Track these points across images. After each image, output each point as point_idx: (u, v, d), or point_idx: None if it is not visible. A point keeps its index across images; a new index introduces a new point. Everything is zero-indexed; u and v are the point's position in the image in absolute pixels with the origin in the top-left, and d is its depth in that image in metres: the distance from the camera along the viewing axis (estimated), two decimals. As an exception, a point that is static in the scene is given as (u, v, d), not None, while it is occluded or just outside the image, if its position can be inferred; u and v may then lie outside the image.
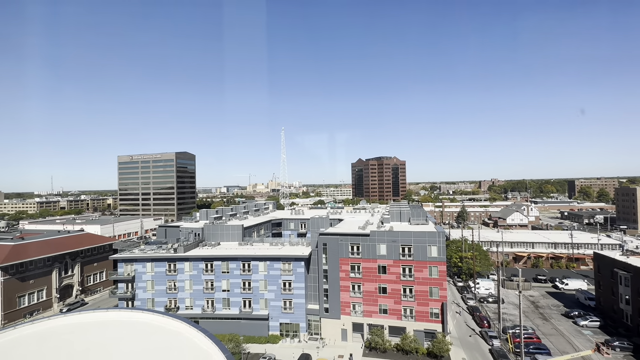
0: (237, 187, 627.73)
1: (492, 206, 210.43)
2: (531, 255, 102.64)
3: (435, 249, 53.29)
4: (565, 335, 57.58)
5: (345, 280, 56.96)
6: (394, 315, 54.73)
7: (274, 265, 57.88)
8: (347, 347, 53.97)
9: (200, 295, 58.92)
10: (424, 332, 53.09)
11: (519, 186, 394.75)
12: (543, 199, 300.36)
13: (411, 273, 54.08)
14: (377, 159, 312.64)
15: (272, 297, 57.78)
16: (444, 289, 53.25)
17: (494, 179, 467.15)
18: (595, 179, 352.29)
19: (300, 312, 57.25)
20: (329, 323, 57.20)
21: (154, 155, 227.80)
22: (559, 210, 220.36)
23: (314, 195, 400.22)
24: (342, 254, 57.20)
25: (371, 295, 55.81)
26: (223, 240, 68.62)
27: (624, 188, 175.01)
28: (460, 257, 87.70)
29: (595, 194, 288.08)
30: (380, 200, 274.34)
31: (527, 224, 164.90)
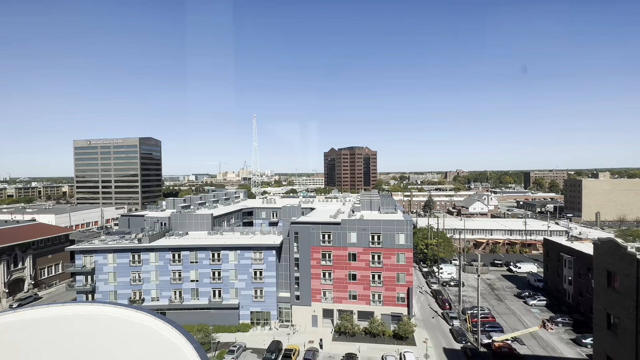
0: (206, 176, 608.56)
1: (457, 196, 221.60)
2: (490, 241, 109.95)
3: (403, 236, 55.36)
4: (517, 313, 62.82)
5: (316, 268, 57.78)
6: (363, 301, 56.61)
7: (244, 254, 57.30)
8: (317, 333, 55.21)
9: (167, 286, 57.17)
10: (391, 315, 55.53)
11: (481, 177, 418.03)
12: (502, 189, 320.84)
13: (380, 260, 55.95)
14: (349, 149, 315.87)
15: (243, 286, 57.41)
16: (410, 275, 55.74)
17: (458, 170, 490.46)
18: (548, 171, 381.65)
19: (271, 301, 57.49)
20: (300, 310, 58.05)
21: (116, 140, 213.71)
22: (515, 199, 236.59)
23: (286, 184, 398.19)
24: (314, 243, 57.79)
25: (341, 282, 57.17)
26: (191, 229, 66.62)
27: (571, 180, 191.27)
28: (426, 244, 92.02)
29: (547, 185, 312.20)
30: (352, 190, 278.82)
31: (487, 213, 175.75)
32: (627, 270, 26.07)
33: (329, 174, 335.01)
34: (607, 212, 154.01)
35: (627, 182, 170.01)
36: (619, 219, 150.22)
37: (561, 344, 51.58)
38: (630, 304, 25.55)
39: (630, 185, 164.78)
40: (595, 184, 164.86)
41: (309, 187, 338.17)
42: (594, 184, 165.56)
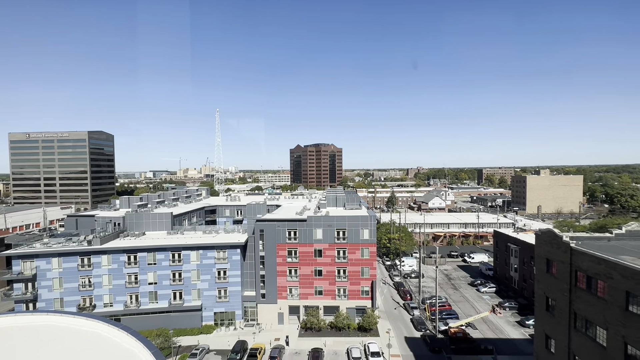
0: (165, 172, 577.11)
1: (417, 192, 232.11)
2: (447, 234, 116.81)
3: (367, 231, 56.91)
4: (470, 301, 67.56)
5: (282, 265, 57.51)
6: (329, 296, 57.45)
7: (207, 254, 55.40)
8: (283, 330, 55.11)
9: (121, 291, 53.59)
10: (356, 308, 57.00)
11: (440, 174, 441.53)
12: (458, 185, 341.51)
13: (345, 255, 57.05)
14: (315, 146, 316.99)
15: (206, 286, 55.54)
16: (374, 269, 57.53)
17: (419, 167, 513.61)
18: (498, 168, 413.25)
19: (236, 300, 56.27)
20: (266, 308, 57.51)
21: (60, 133, 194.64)
22: (470, 195, 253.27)
23: (251, 181, 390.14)
24: (280, 240, 57.41)
25: (307, 278, 57.50)
26: (149, 229, 62.97)
27: (517, 176, 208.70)
28: (389, 239, 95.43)
29: (497, 181, 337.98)
30: (318, 186, 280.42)
31: (445, 208, 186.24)
32: (562, 257, 29.13)
33: (295, 171, 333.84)
34: (547, 205, 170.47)
35: (563, 178, 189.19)
36: (556, 211, 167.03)
37: (508, 326, 56.44)
38: (565, 287, 28.62)
39: (566, 181, 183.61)
40: (537, 180, 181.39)
41: (274, 184, 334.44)
42: (536, 180, 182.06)
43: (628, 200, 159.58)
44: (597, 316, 25.15)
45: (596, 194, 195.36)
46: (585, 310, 26.44)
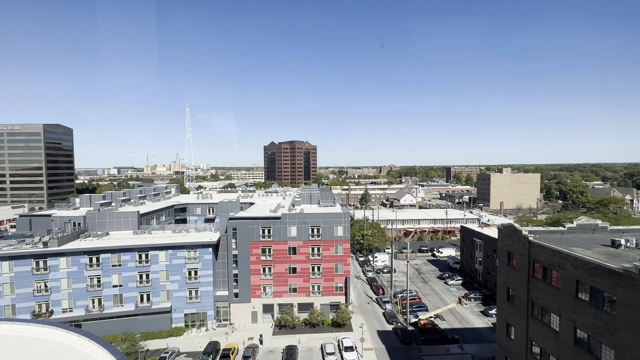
0: (131, 169, 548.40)
1: (390, 189, 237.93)
2: (417, 230, 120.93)
3: (341, 228, 57.55)
4: (439, 293, 70.51)
5: (256, 263, 56.78)
6: (303, 293, 57.56)
7: (177, 253, 53.45)
8: (257, 329, 54.54)
9: (82, 295, 50.42)
10: (330, 304, 57.59)
11: (411, 172, 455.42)
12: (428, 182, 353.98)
13: (319, 252, 57.37)
14: (289, 143, 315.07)
15: (176, 287, 53.62)
16: (347, 265, 58.36)
17: (391, 165, 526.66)
18: (465, 167, 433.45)
19: (207, 301, 54.84)
20: (239, 308, 56.59)
21: (11, 126, 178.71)
22: (439, 192, 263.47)
23: (223, 179, 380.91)
24: (253, 238, 56.62)
25: (282, 276, 57.23)
26: (113, 229, 59.69)
27: (482, 174, 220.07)
28: (362, 235, 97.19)
29: (464, 179, 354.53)
30: (293, 184, 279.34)
31: (415, 204, 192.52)
32: (521, 250, 31.16)
33: (269, 168, 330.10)
34: (508, 202, 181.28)
35: (523, 176, 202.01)
36: (517, 207, 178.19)
37: (473, 316, 59.58)
38: (524, 278, 30.67)
39: (525, 179, 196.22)
40: (500, 178, 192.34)
41: (248, 182, 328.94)
42: (499, 178, 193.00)
43: (579, 196, 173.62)
44: (552, 304, 27.17)
45: (552, 191, 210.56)
46: (541, 298, 28.47)
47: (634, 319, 20.11)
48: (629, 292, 20.32)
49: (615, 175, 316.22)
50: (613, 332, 21.56)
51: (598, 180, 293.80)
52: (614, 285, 21.41)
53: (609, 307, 22.03)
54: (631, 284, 20.16)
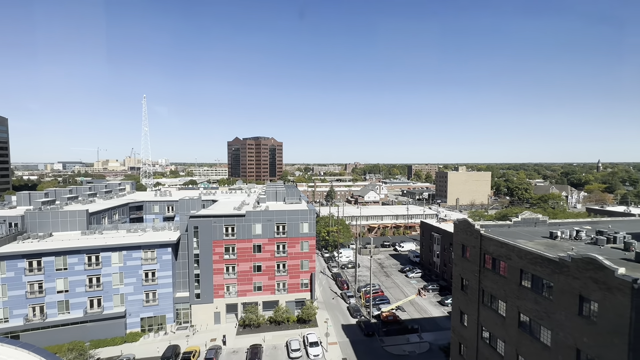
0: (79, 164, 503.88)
1: (354, 186, 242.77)
2: (380, 225, 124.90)
3: (306, 225, 57.71)
4: (400, 286, 73.58)
5: (218, 262, 55.12)
6: (268, 291, 57.00)
7: (132, 254, 50.20)
8: (220, 330, 53.09)
9: (21, 302, 45.56)
10: (295, 301, 57.65)
11: (375, 169, 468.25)
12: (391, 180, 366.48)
13: (285, 249, 57.09)
14: (254, 139, 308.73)
15: (131, 290, 50.39)
16: (313, 261, 58.74)
17: (356, 163, 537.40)
18: (425, 165, 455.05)
19: (166, 303, 52.26)
20: (201, 309, 54.65)
21: None
22: (400, 189, 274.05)
23: (184, 175, 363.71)
24: (216, 236, 54.86)
25: (246, 275, 56.15)
26: (58, 230, 54.57)
27: (440, 172, 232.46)
28: (328, 232, 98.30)
29: (424, 176, 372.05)
30: (258, 181, 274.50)
31: (379, 201, 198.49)
32: (474, 243, 33.47)
33: (233, 165, 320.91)
34: (463, 198, 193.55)
35: (476, 174, 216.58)
36: (471, 203, 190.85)
37: (431, 306, 63.03)
38: (476, 269, 33.00)
39: (478, 177, 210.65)
40: (456, 176, 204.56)
41: (211, 178, 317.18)
42: (455, 175, 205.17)
43: (523, 193, 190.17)
44: (499, 291, 29.56)
45: (501, 188, 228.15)
46: (490, 287, 30.85)
47: (566, 303, 22.54)
48: (564, 278, 22.70)
49: (554, 174, 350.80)
50: (550, 315, 23.99)
51: (540, 178, 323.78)
52: (551, 272, 23.80)
53: (547, 293, 24.45)
54: (565, 271, 22.53)
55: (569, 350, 22.38)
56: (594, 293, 20.58)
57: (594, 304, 20.70)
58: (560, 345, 23.14)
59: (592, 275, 20.63)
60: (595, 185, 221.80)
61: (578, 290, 21.64)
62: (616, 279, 19.18)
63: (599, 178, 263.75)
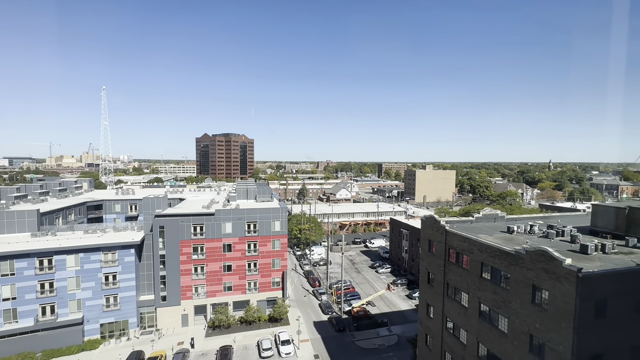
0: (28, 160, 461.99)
1: (326, 184, 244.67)
2: (352, 223, 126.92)
3: (278, 223, 57.26)
4: (370, 281, 75.34)
5: (186, 263, 53.20)
6: (239, 290, 55.96)
7: (90, 257, 47.07)
8: (188, 332, 51.38)
9: (-41, 313, 41.14)
10: (267, 300, 57.11)
11: (346, 167, 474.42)
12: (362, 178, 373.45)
13: (256, 248, 56.30)
14: (224, 135, 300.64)
15: (89, 295, 47.27)
16: (284, 259, 58.47)
17: (328, 161, 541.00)
18: (394, 163, 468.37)
19: (129, 307, 49.61)
20: (167, 311, 52.49)
21: None
22: (371, 186, 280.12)
23: (148, 172, 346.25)
24: (184, 236, 52.87)
25: (215, 275, 54.71)
26: (4, 232, 49.87)
27: (409, 171, 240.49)
28: (300, 229, 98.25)
29: (394, 175, 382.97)
30: (228, 178, 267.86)
31: (350, 198, 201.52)
32: (440, 238, 35.05)
33: (202, 162, 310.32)
34: (430, 195, 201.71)
35: (442, 172, 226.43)
36: (437, 200, 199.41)
37: (399, 300, 65.21)
38: (441, 263, 34.58)
39: (444, 175, 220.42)
40: (424, 174, 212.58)
41: (177, 176, 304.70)
42: (423, 174, 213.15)
43: (484, 190, 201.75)
44: (462, 284, 31.23)
45: (464, 186, 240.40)
46: (454, 280, 32.49)
47: (521, 292, 24.31)
48: (519, 269, 24.45)
49: (511, 172, 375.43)
50: (507, 304, 25.74)
51: (499, 177, 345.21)
52: (508, 264, 25.52)
53: (505, 283, 26.20)
54: (520, 263, 24.27)
55: (523, 335, 24.17)
56: (545, 282, 22.36)
57: (545, 292, 22.48)
58: (515, 332, 24.92)
59: (544, 266, 22.39)
60: (546, 183, 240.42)
61: (531, 280, 23.40)
62: (564, 269, 20.97)
63: (550, 177, 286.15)
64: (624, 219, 31.06)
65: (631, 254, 25.77)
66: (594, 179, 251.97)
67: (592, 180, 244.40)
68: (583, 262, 23.05)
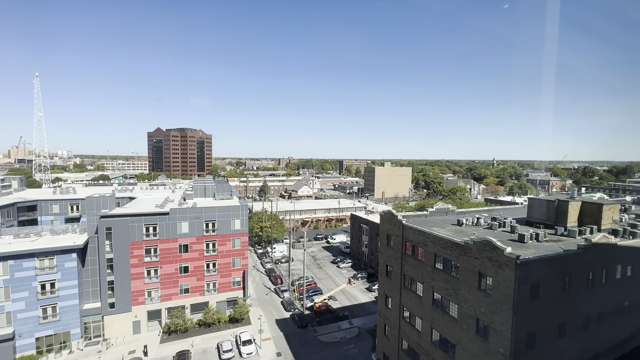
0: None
1: (288, 181, 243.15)
2: (314, 219, 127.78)
3: (239, 221, 55.79)
4: (332, 276, 76.63)
5: (138, 266, 49.76)
6: (197, 292, 53.69)
7: (22, 264, 42.06)
8: (140, 340, 48.24)
9: None
10: (227, 301, 55.51)
11: (308, 164, 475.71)
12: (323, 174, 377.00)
13: (215, 248, 54.35)
14: (180, 130, 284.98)
15: (21, 307, 42.27)
16: (245, 258, 57.20)
17: (290, 157, 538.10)
18: (355, 160, 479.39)
19: (71, 317, 45.24)
20: (117, 319, 48.75)
21: None
22: (332, 183, 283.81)
23: (92, 169, 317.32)
24: (134, 238, 49.33)
25: (171, 277, 51.90)
26: None
27: (369, 167, 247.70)
28: (261, 227, 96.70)
29: (354, 171, 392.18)
30: (184, 176, 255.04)
31: (312, 195, 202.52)
32: (397, 232, 36.65)
33: (154, 158, 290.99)
34: (388, 191, 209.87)
35: (400, 169, 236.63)
36: (395, 195, 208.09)
37: (360, 293, 67.18)
38: (399, 255, 36.23)
39: (401, 172, 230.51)
40: (382, 171, 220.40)
41: (127, 173, 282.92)
42: (381, 170, 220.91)
43: (437, 186, 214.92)
44: (417, 274, 33.02)
45: (419, 182, 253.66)
46: (410, 271, 34.23)
47: (469, 279, 26.34)
48: (467, 259, 26.44)
49: (461, 169, 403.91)
50: (457, 291, 27.74)
51: (450, 173, 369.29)
52: (458, 255, 27.48)
53: (455, 272, 28.19)
54: (468, 252, 26.26)
55: (471, 319, 26.24)
56: (489, 270, 24.44)
57: (489, 279, 24.59)
58: (464, 316, 26.97)
59: (488, 255, 24.46)
60: (491, 179, 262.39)
61: (478, 268, 25.45)
62: (505, 257, 23.09)
63: (494, 173, 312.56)
64: (553, 210, 34.97)
65: (559, 241, 29.14)
66: (530, 175, 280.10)
67: (529, 176, 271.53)
68: (521, 250, 25.57)
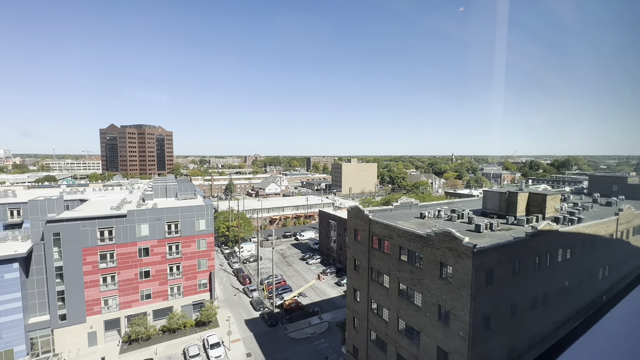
0: None
1: (255, 178, 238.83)
2: (282, 217, 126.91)
3: (203, 222, 53.87)
4: (301, 273, 76.81)
5: (92, 273, 46.27)
6: (160, 297, 51.18)
7: (-48, 278, 37.29)
8: (97, 352, 45.08)
9: None
10: (193, 304, 53.53)
11: (275, 161, 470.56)
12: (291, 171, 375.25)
13: (178, 250, 52.08)
14: (137, 127, 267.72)
15: (-48, 326, 37.54)
16: (211, 259, 55.46)
17: (256, 155, 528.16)
18: (322, 157, 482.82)
19: (14, 333, 41.03)
20: (69, 331, 45.06)
21: None
22: (300, 180, 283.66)
23: (36, 170, 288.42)
24: (87, 243, 45.76)
25: (130, 283, 48.93)
26: None
27: (336, 164, 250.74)
28: (228, 227, 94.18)
29: (322, 168, 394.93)
30: (143, 175, 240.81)
31: (280, 192, 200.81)
32: (364, 226, 37.57)
33: (109, 157, 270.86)
34: (355, 187, 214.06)
35: (366, 165, 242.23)
36: (361, 191, 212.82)
37: (329, 288, 68.08)
38: (366, 249, 37.18)
39: (367, 167, 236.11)
40: (349, 167, 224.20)
41: (77, 174, 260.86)
42: (348, 167, 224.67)
43: (401, 181, 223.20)
44: (384, 267, 34.15)
45: (384, 177, 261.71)
46: (377, 264, 35.30)
47: (432, 269, 27.76)
48: (430, 250, 27.82)
49: (423, 164, 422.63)
50: (420, 281, 29.11)
51: (413, 168, 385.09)
52: (421, 246, 28.80)
53: (419, 263, 29.54)
54: (431, 244, 27.63)
55: (434, 307, 27.70)
56: (449, 259, 25.91)
57: (449, 267, 26.08)
58: (427, 304, 28.40)
59: (449, 245, 25.91)
60: (450, 174, 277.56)
61: (439, 258, 26.87)
62: (463, 246, 24.61)
63: (452, 168, 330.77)
64: (504, 201, 37.83)
65: (510, 230, 31.62)
66: (484, 169, 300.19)
67: (483, 170, 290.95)
68: (477, 239, 27.39)
